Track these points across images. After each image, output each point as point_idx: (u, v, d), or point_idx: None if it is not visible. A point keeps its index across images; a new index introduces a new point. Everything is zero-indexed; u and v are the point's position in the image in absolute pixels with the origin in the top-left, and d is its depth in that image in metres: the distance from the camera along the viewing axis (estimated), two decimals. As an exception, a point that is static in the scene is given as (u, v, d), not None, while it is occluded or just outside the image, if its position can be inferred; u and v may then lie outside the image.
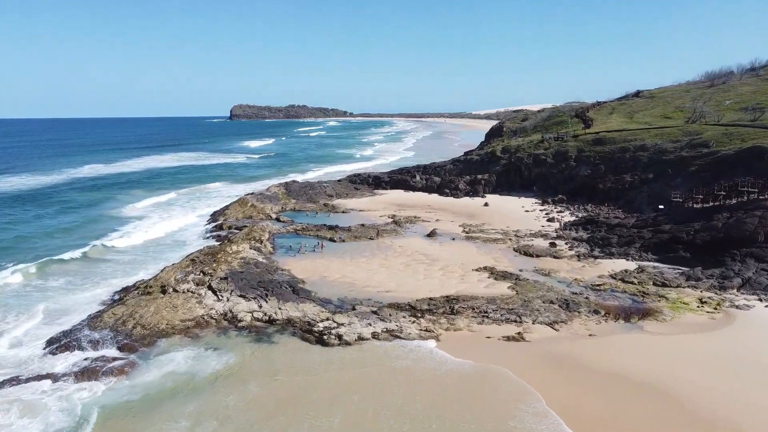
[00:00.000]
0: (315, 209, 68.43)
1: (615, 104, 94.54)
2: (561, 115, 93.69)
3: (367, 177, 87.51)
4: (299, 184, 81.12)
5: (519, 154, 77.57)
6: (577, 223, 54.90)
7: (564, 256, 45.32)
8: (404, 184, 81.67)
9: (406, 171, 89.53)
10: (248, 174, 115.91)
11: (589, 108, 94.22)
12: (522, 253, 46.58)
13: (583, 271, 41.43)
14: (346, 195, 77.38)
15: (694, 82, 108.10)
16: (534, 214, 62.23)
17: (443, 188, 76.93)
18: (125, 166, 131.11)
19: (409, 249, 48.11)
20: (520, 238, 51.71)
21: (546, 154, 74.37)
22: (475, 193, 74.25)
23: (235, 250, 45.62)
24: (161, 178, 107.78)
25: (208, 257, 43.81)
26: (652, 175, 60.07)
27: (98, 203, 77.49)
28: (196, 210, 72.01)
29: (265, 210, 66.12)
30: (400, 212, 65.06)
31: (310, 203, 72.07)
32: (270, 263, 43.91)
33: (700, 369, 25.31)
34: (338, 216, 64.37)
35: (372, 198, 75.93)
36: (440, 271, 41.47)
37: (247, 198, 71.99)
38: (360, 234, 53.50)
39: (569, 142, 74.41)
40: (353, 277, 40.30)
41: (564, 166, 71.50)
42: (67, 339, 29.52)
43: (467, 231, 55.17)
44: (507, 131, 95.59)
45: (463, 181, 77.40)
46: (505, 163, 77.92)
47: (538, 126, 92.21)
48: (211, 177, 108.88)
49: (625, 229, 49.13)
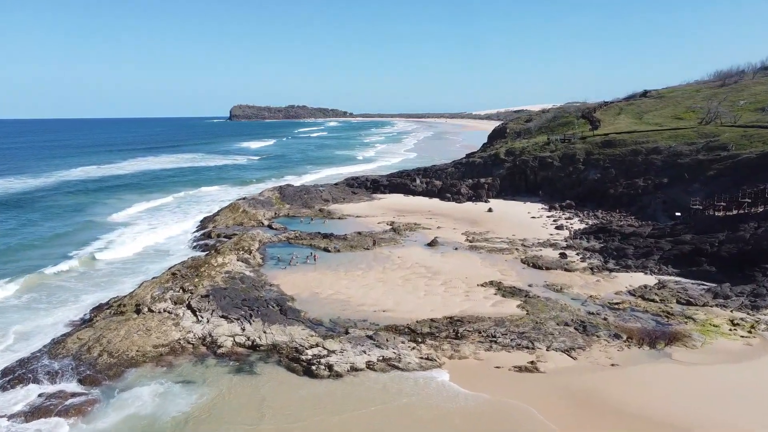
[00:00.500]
0: (310, 215, 65.15)
1: (623, 104, 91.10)
2: (567, 116, 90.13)
3: (365, 180, 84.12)
4: (294, 188, 77.77)
5: (524, 156, 74.11)
6: (588, 231, 51.50)
7: (576, 268, 41.95)
8: (404, 188, 78.24)
9: (406, 174, 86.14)
10: (245, 176, 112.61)
11: (596, 108, 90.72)
12: (530, 265, 43.24)
13: (598, 286, 38.06)
14: (343, 199, 74.06)
15: (704, 81, 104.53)
16: (541, 220, 58.87)
17: (445, 192, 73.55)
18: (119, 168, 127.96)
19: (408, 260, 44.81)
20: (527, 248, 48.38)
21: (552, 156, 70.90)
22: (478, 197, 70.87)
23: (221, 262, 42.32)
24: (155, 181, 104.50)
25: (190, 270, 40.50)
26: (667, 179, 56.62)
27: (85, 208, 74.27)
28: (187, 216, 68.78)
29: (257, 216, 62.82)
30: (400, 218, 61.78)
31: (305, 209, 68.77)
32: (258, 277, 40.60)
33: (742, 409, 21.95)
34: (334, 222, 61.07)
35: (370, 203, 72.61)
36: (442, 287, 38.14)
37: (239, 203, 68.68)
38: (356, 243, 50.19)
39: (577, 144, 70.95)
40: (347, 293, 36.96)
41: (572, 170, 68.04)
42: (23, 370, 26.19)
43: (471, 240, 51.84)
44: (510, 133, 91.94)
45: (465, 185, 74.03)
46: (509, 167, 74.48)
47: (543, 127, 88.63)
48: (206, 180, 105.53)
49: (641, 238, 45.72)
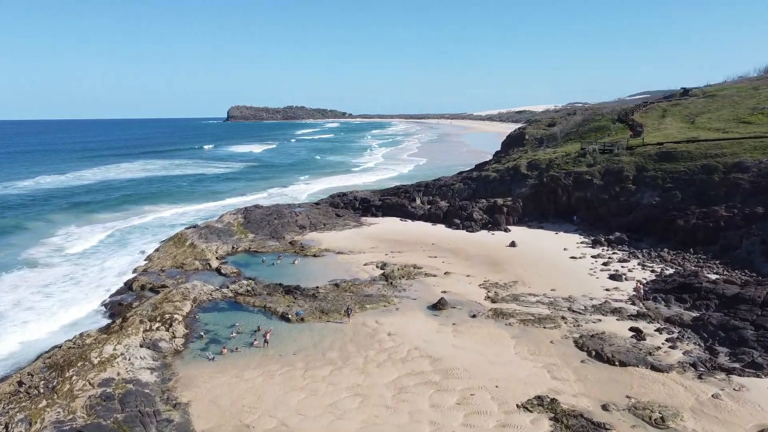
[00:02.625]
0: (278, 249, 49.81)
1: (665, 105, 75.56)
2: (598, 119, 74.47)
3: (353, 199, 68.47)
4: (263, 211, 62.17)
5: (553, 171, 58.52)
6: (664, 287, 35.95)
7: (667, 363, 26.52)
8: (401, 210, 62.64)
9: (403, 191, 70.51)
10: (219, 189, 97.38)
11: (633, 110, 75.14)
12: (592, 353, 27.85)
13: (720, 409, 22.61)
14: (323, 226, 58.58)
15: (755, 77, 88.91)
16: (585, 263, 43.39)
17: (452, 217, 58.02)
18: (78, 177, 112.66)
19: (404, 341, 29.56)
20: (578, 315, 33.06)
21: (591, 172, 55.31)
22: (496, 224, 55.36)
23: (108, 355, 26.94)
24: (110, 195, 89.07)
25: (51, 374, 25.21)
26: (762, 209, 41.11)
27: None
28: (122, 250, 53.39)
29: (205, 254, 47.43)
30: (394, 256, 46.44)
31: (272, 240, 53.32)
32: (160, 384, 25.22)
33: None
34: (307, 263, 45.70)
35: (357, 230, 57.13)
36: (460, 410, 22.81)
37: (186, 234, 53.27)
38: (330, 305, 34.90)
39: (622, 156, 55.37)
40: (298, 429, 21.61)
41: (618, 190, 52.49)
42: None
43: (493, 297, 36.51)
44: (530, 139, 76.17)
45: (478, 207, 58.52)
46: (534, 184, 58.92)
47: (571, 133, 73.03)
48: (170, 194, 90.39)
49: (755, 307, 30.24)
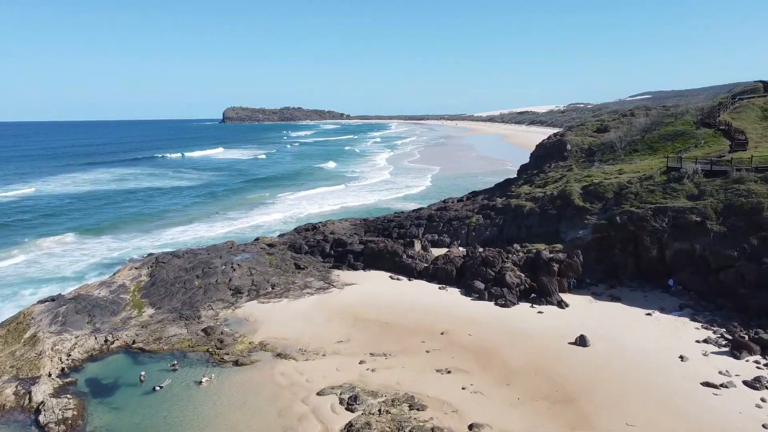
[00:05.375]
0: (181, 344, 28.79)
1: (760, 102, 54.24)
2: (672, 123, 53.01)
3: (322, 239, 46.97)
4: (181, 262, 40.67)
5: (628, 204, 37.21)
6: None
7: None
8: (391, 261, 41.29)
9: (397, 225, 49.13)
10: (163, 212, 76.50)
11: (719, 109, 53.88)
12: None
13: None
14: (271, 289, 37.37)
15: None
16: (733, 396, 22.20)
17: (471, 277, 36.71)
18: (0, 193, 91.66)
19: None
20: None
21: (700, 210, 33.92)
22: (543, 293, 34.15)
23: None
24: (8, 224, 68.06)
25: None
26: None
27: None
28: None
29: (42, 360, 26.26)
30: (375, 367, 25.35)
31: (179, 322, 32.17)
32: None
33: None
34: (223, 381, 24.48)
35: (322, 298, 35.90)
36: None
37: (35, 312, 32.02)
38: None
39: (749, 182, 34.07)
40: None
41: (756, 244, 31.21)
42: None
43: None
44: (575, 150, 54.53)
45: (511, 261, 37.25)
46: (598, 225, 37.64)
47: (636, 141, 51.62)
48: (90, 220, 69.92)
49: None
